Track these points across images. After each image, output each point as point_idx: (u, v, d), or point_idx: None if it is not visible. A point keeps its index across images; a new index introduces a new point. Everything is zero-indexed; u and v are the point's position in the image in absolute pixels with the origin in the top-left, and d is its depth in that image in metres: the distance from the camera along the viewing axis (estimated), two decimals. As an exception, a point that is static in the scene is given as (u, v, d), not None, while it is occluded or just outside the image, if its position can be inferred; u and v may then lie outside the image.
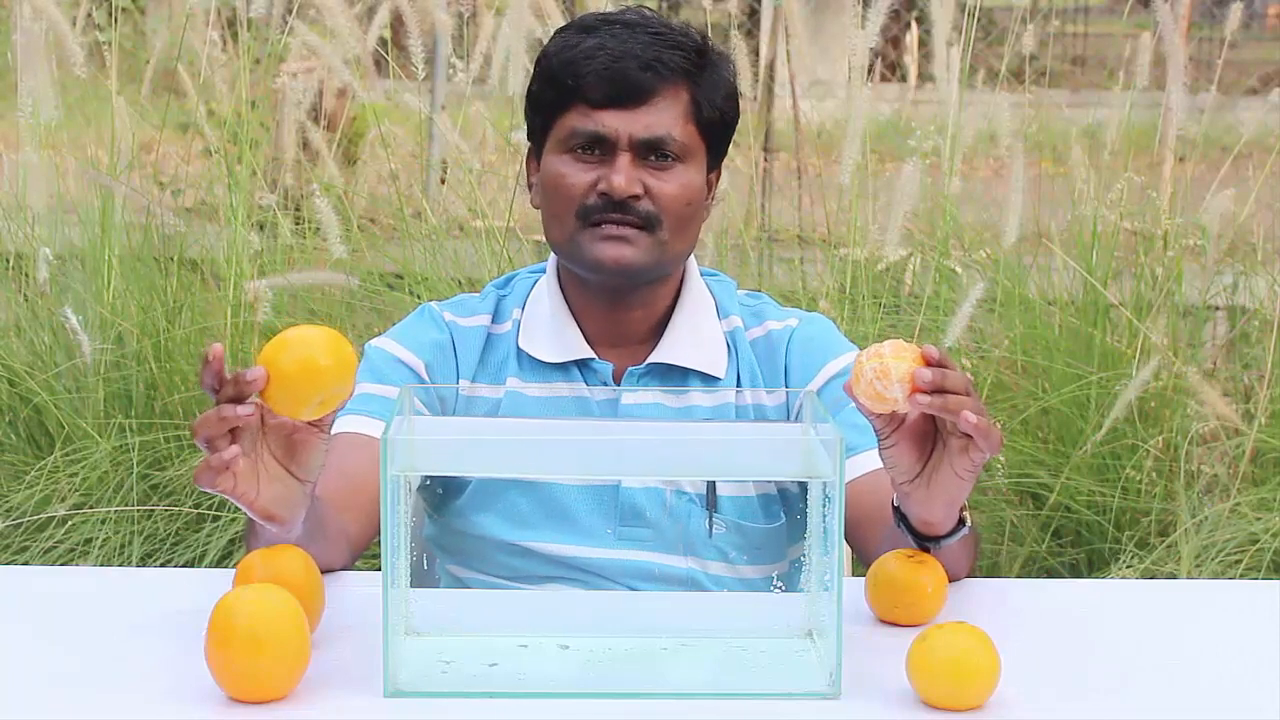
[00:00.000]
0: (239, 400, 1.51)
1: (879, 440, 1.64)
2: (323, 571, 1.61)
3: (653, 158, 1.87)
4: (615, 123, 1.86)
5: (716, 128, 1.92)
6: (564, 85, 1.88)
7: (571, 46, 1.88)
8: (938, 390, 1.56)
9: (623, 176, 1.85)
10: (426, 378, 1.94)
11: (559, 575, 1.90)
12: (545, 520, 1.90)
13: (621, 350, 1.95)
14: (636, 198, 1.85)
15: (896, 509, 1.71)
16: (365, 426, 1.88)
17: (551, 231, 1.92)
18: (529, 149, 1.98)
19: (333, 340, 1.52)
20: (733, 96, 1.94)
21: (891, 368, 1.56)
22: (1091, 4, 11.46)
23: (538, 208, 1.95)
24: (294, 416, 1.54)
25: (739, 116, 1.97)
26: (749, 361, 1.96)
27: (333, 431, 1.89)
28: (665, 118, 1.87)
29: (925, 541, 1.70)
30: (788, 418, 1.93)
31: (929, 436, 1.63)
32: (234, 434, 1.53)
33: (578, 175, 1.87)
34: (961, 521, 1.70)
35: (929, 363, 1.56)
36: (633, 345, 1.95)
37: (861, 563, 1.84)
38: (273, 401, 1.52)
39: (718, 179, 1.98)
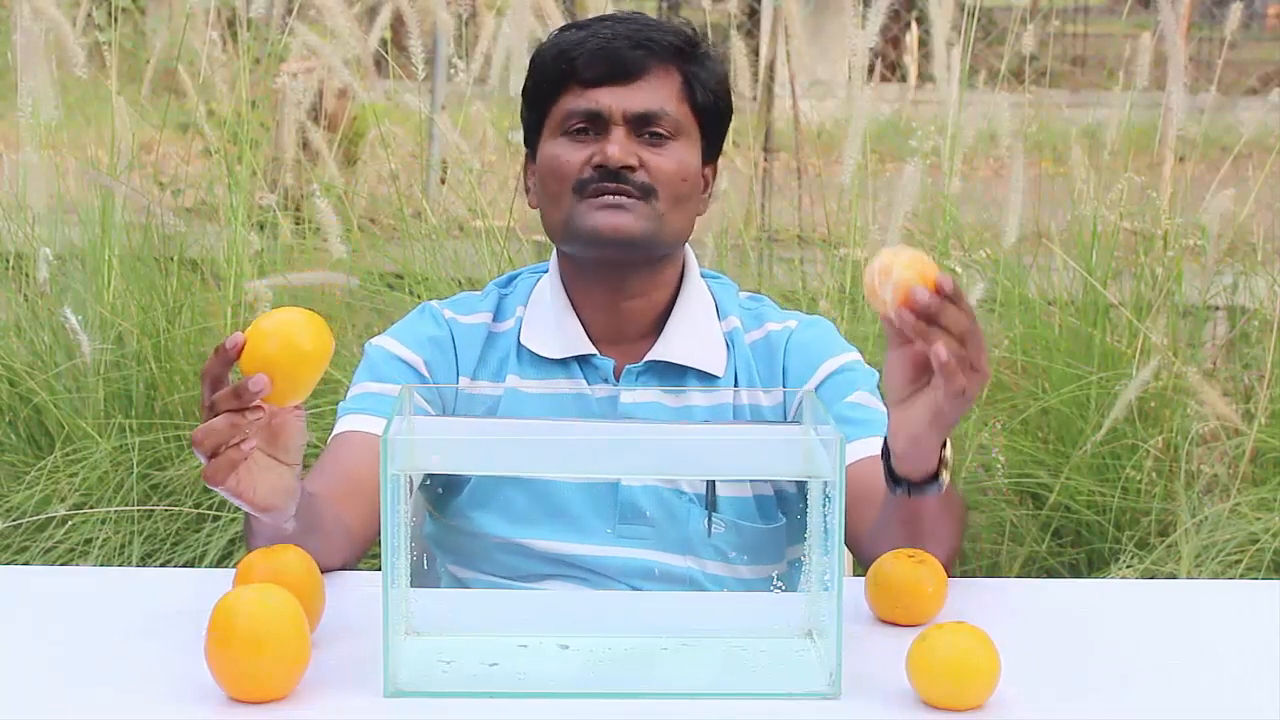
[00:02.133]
0: (241, 407, 1.51)
1: (889, 345, 1.62)
2: (323, 568, 1.61)
3: (648, 134, 1.89)
4: (609, 99, 1.88)
5: (710, 113, 1.94)
6: (557, 71, 1.91)
7: (561, 40, 1.93)
8: (929, 318, 1.55)
9: (618, 147, 1.87)
10: (427, 375, 1.94)
11: (558, 573, 1.90)
12: (544, 518, 1.90)
13: (622, 347, 1.95)
14: (632, 169, 1.87)
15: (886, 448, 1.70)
16: (366, 424, 1.88)
17: (549, 215, 1.92)
18: (526, 154, 1.99)
19: (312, 321, 1.53)
20: (725, 85, 1.96)
21: (895, 270, 1.55)
22: (1091, 4, 11.46)
23: (536, 206, 1.96)
24: (283, 404, 1.54)
25: (733, 111, 1.98)
26: (747, 362, 1.96)
27: (335, 430, 1.90)
28: (659, 94, 1.89)
29: (897, 486, 1.69)
30: (785, 418, 1.93)
31: (927, 368, 1.62)
32: None
33: (573, 154, 1.89)
34: (936, 476, 1.69)
35: (939, 291, 1.55)
36: (633, 341, 1.95)
37: (849, 546, 1.84)
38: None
39: (714, 175, 1.98)
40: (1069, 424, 3.47)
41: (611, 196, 1.87)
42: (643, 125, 1.89)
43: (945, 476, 1.69)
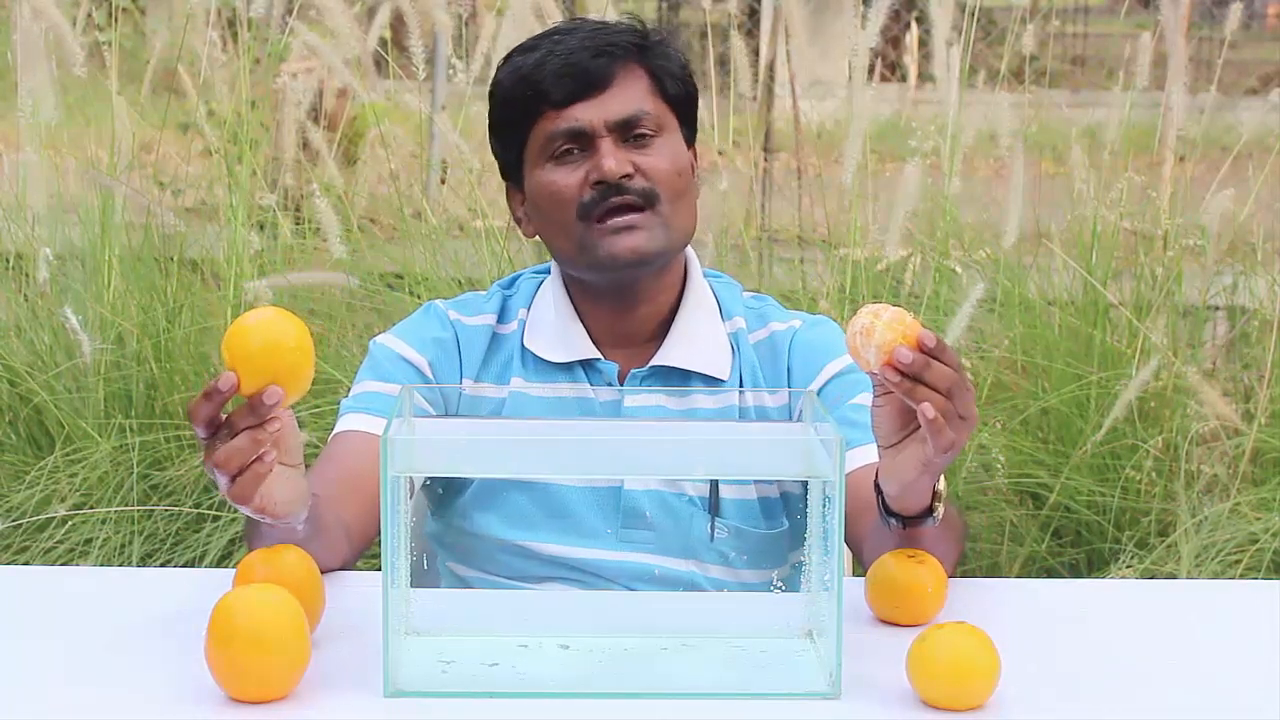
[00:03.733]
0: (259, 422, 1.50)
1: (874, 393, 1.62)
2: (323, 569, 1.61)
3: (632, 137, 1.88)
4: (587, 114, 1.87)
5: (682, 101, 1.94)
6: (525, 98, 1.89)
7: (519, 66, 1.90)
8: (913, 376, 1.54)
9: (612, 159, 1.85)
10: (430, 376, 1.94)
11: (559, 576, 1.90)
12: (547, 521, 1.90)
13: (626, 350, 1.95)
14: (629, 176, 1.86)
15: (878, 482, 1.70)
16: (366, 424, 1.88)
17: (557, 244, 1.91)
18: (508, 186, 1.98)
19: (287, 315, 1.52)
20: (687, 68, 1.96)
21: (876, 332, 1.54)
22: (1091, 4, 11.46)
23: (532, 236, 1.95)
24: (286, 405, 1.54)
25: (698, 90, 1.98)
26: (751, 363, 1.96)
27: (335, 430, 1.90)
28: (632, 95, 1.88)
29: (891, 518, 1.68)
30: (790, 419, 1.93)
31: (915, 415, 1.60)
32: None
33: (567, 177, 1.87)
34: (931, 511, 1.68)
35: (921, 348, 1.55)
36: (637, 345, 1.95)
37: (849, 549, 1.84)
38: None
39: (695, 158, 1.98)
40: (1069, 424, 3.47)
41: (620, 216, 1.86)
42: (626, 130, 1.87)
43: (940, 510, 1.68)
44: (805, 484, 1.52)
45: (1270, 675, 1.54)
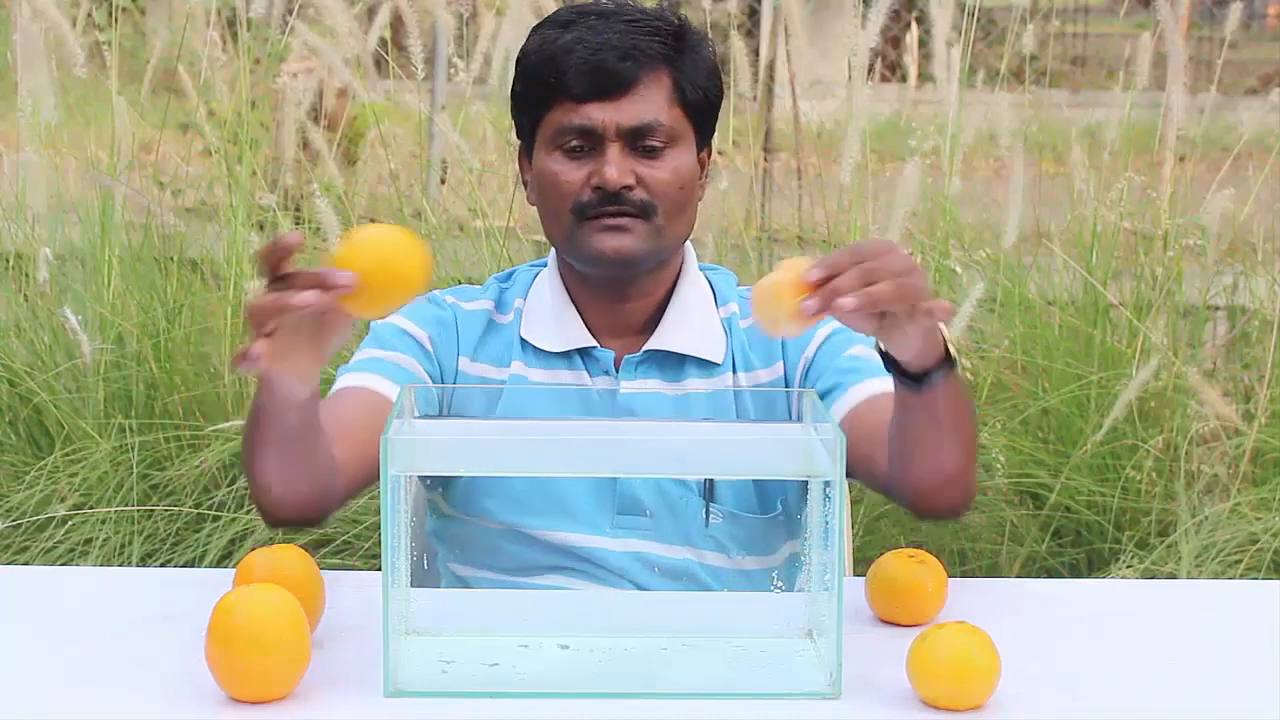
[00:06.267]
0: (308, 286, 1.49)
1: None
2: (312, 474, 1.61)
3: (642, 145, 1.87)
4: (601, 115, 1.87)
5: (702, 108, 1.93)
6: (546, 82, 1.89)
7: (550, 42, 1.89)
8: (830, 289, 1.51)
9: (614, 168, 1.86)
10: (430, 349, 1.96)
11: (558, 564, 1.90)
12: (544, 506, 1.91)
13: (623, 339, 1.96)
14: (630, 187, 1.86)
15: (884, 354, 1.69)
16: (368, 381, 1.89)
17: (550, 230, 1.93)
18: (519, 146, 1.99)
19: (412, 242, 1.50)
20: (715, 74, 1.94)
21: (766, 285, 1.53)
22: (1091, 4, 11.45)
23: (534, 205, 1.97)
24: (359, 316, 1.53)
25: (723, 93, 1.97)
26: (743, 346, 1.97)
27: (335, 387, 1.91)
28: (650, 105, 1.87)
29: (909, 381, 1.66)
30: (786, 384, 1.93)
31: (876, 314, 1.58)
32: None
33: (570, 172, 1.88)
34: (948, 359, 1.66)
35: (813, 285, 1.51)
36: (633, 334, 1.96)
37: (875, 489, 1.85)
38: (346, 301, 1.49)
39: (710, 156, 1.98)
40: (1069, 424, 3.47)
41: (612, 219, 1.87)
42: (637, 138, 1.87)
43: (955, 354, 1.66)
44: (805, 483, 1.52)
45: (1270, 675, 1.54)
